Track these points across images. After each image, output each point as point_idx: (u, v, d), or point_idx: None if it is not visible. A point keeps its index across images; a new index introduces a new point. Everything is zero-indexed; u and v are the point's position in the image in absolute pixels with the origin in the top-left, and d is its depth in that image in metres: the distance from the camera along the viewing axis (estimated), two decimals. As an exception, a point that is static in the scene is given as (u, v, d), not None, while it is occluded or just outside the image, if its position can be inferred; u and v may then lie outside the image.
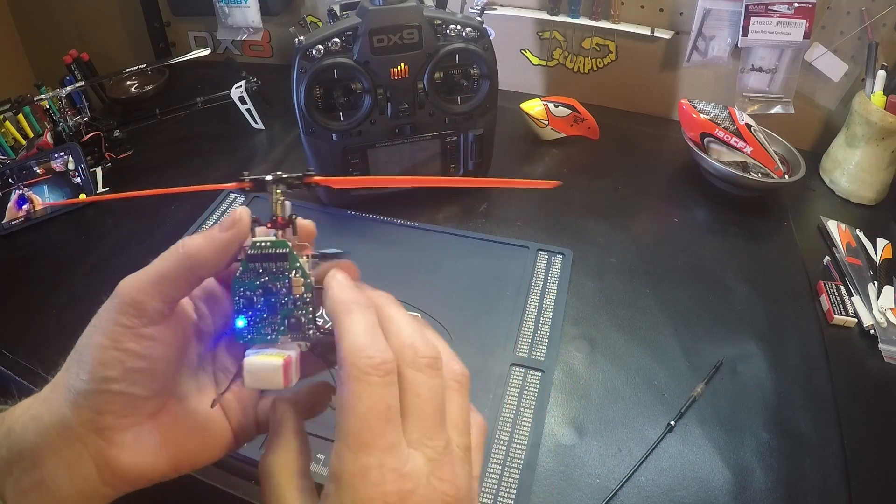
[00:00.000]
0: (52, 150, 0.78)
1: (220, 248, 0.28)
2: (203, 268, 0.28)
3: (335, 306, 0.27)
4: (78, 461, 0.27)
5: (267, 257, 0.28)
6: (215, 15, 1.00)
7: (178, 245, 0.27)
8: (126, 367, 0.27)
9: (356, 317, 0.26)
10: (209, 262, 0.28)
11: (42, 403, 0.27)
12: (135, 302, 0.26)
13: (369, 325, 0.26)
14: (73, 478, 0.27)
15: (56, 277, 0.67)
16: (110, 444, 0.27)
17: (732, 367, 0.57)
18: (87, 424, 0.27)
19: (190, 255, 0.27)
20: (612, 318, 0.62)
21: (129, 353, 0.27)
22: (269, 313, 0.28)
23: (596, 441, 0.51)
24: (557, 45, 0.96)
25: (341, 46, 0.64)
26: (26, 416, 0.27)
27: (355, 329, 0.25)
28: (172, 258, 0.27)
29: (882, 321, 0.61)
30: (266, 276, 0.28)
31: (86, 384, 0.26)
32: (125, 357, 0.26)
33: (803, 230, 0.75)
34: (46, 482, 0.26)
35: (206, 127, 0.92)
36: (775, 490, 0.47)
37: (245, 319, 0.28)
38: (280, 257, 0.28)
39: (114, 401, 0.27)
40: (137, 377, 0.27)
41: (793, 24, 0.81)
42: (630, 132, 0.94)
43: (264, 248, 0.28)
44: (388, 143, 0.71)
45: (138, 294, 0.27)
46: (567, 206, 0.77)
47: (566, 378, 0.56)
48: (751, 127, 0.76)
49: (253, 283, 0.28)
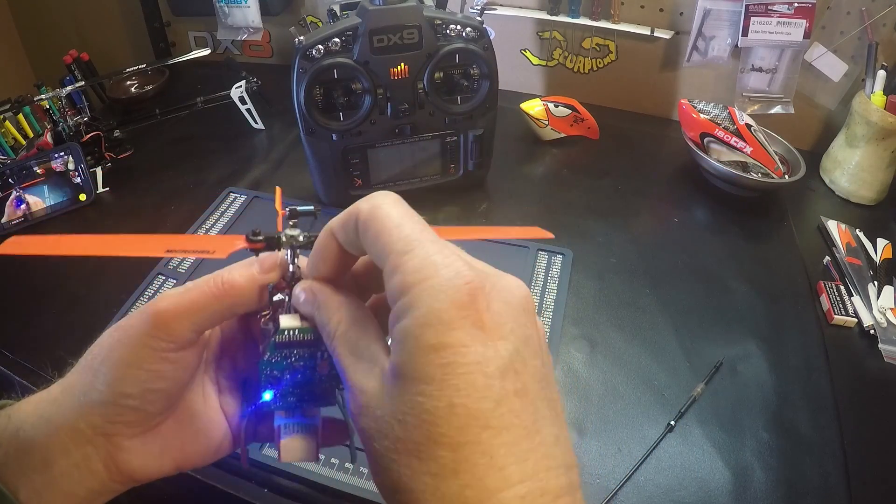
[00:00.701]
0: (52, 150, 0.78)
1: (259, 290, 0.28)
2: (241, 306, 0.28)
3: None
4: (88, 462, 0.27)
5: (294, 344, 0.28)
6: (215, 15, 1.00)
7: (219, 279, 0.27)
8: (145, 387, 0.27)
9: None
10: (247, 301, 0.28)
11: (51, 404, 0.28)
12: (168, 327, 0.27)
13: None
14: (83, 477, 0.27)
15: (56, 278, 0.67)
16: (118, 449, 0.28)
17: (732, 367, 0.57)
18: (97, 430, 0.27)
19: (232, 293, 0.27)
20: (612, 318, 0.62)
21: (151, 373, 0.27)
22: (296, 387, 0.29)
23: (596, 441, 0.51)
24: (557, 45, 0.97)
25: (341, 46, 0.64)
26: (35, 415, 0.27)
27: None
28: (213, 291, 0.27)
29: (882, 321, 0.61)
30: (294, 358, 0.28)
31: (101, 395, 0.27)
32: (147, 377, 0.27)
33: (803, 230, 0.75)
34: (58, 480, 0.27)
35: (206, 127, 0.93)
36: (775, 490, 0.47)
37: (272, 393, 0.29)
38: (308, 343, 0.28)
39: (127, 414, 0.27)
40: (154, 396, 0.28)
41: (793, 24, 0.81)
42: (630, 132, 0.94)
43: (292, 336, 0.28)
44: (388, 143, 0.71)
45: (174, 320, 0.27)
46: (567, 206, 0.77)
47: (566, 378, 0.56)
48: (751, 127, 0.76)
49: (280, 364, 0.28)
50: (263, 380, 0.28)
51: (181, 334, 0.27)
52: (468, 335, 0.21)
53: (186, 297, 0.27)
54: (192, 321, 0.27)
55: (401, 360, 0.22)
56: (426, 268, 0.22)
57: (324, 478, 0.47)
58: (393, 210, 0.24)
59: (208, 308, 0.27)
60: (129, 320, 0.27)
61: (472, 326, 0.21)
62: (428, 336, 0.21)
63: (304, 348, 0.28)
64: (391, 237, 0.23)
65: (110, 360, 0.27)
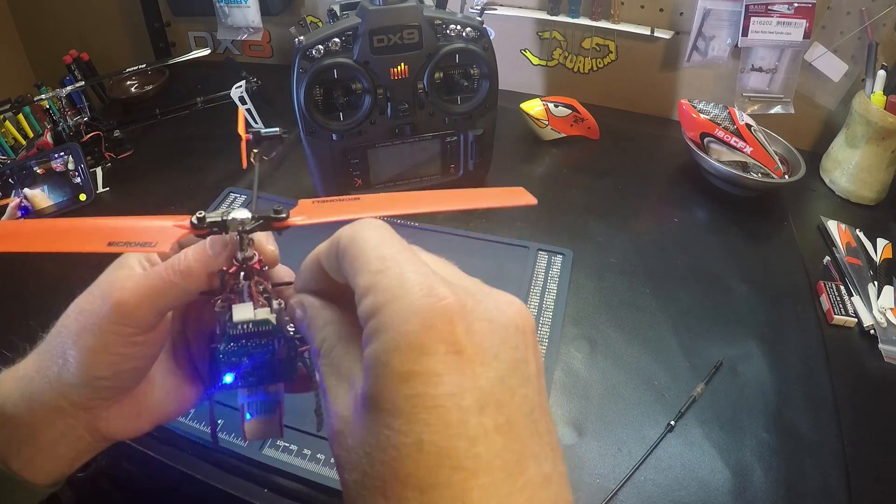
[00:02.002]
0: (52, 150, 0.78)
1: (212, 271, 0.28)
2: (198, 288, 0.28)
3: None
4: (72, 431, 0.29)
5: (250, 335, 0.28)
6: (215, 15, 1.00)
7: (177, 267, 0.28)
8: (116, 370, 0.28)
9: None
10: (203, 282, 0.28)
11: (30, 383, 0.29)
12: (131, 315, 0.27)
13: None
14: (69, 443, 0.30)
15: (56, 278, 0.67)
16: (98, 419, 0.30)
17: (732, 367, 0.57)
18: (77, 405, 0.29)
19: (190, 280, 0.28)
20: (612, 318, 0.62)
21: (120, 356, 0.28)
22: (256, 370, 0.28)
23: (596, 441, 0.51)
24: (557, 45, 0.96)
25: (341, 46, 0.64)
26: (17, 394, 0.29)
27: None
28: (171, 278, 0.28)
29: (882, 321, 0.61)
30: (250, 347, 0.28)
31: (75, 378, 0.28)
32: (117, 360, 0.28)
33: (803, 230, 0.75)
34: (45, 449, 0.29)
35: (206, 127, 0.92)
36: (775, 490, 0.47)
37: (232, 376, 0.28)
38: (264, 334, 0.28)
39: (102, 392, 0.29)
40: (126, 375, 0.29)
41: (793, 24, 0.81)
42: (630, 132, 0.94)
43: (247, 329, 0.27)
44: (388, 143, 0.71)
45: (135, 309, 0.27)
46: (567, 206, 0.77)
47: (566, 378, 0.56)
48: (751, 127, 0.76)
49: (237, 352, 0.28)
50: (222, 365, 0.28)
51: (145, 320, 0.28)
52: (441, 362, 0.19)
53: (146, 284, 0.28)
54: (153, 307, 0.28)
55: (369, 387, 0.20)
56: (398, 287, 0.20)
57: (324, 478, 0.47)
58: (373, 233, 0.23)
59: (168, 294, 0.28)
60: (91, 304, 0.28)
61: (447, 352, 0.19)
62: (396, 363, 0.19)
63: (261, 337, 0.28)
64: (367, 258, 0.22)
65: (78, 346, 0.28)
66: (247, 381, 0.28)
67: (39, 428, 0.29)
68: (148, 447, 0.50)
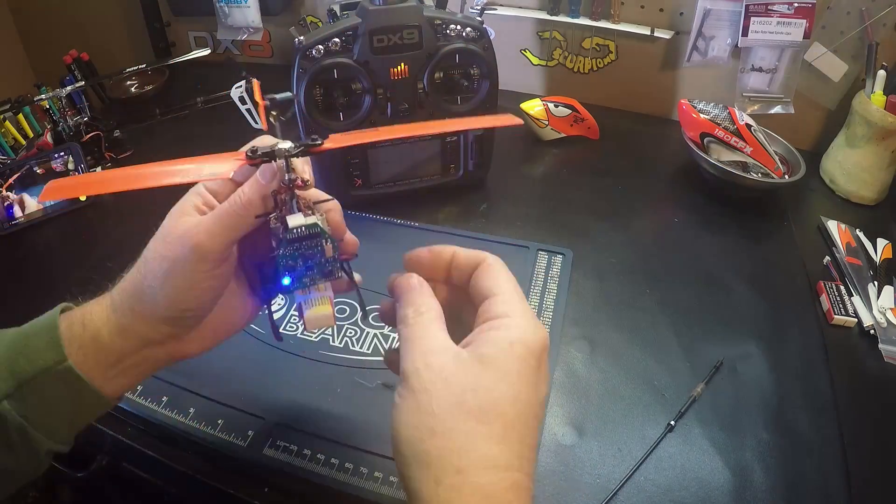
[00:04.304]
0: (52, 150, 0.78)
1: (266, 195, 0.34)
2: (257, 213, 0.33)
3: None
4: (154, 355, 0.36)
5: (303, 238, 0.33)
6: (215, 15, 1.00)
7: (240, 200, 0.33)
8: (201, 301, 0.35)
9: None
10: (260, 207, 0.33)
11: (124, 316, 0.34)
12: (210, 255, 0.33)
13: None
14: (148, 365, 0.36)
15: (56, 277, 0.67)
16: (181, 343, 0.36)
17: (732, 367, 0.57)
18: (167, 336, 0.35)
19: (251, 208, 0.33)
20: (612, 318, 0.62)
21: (204, 289, 0.34)
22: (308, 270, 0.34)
23: (596, 441, 0.51)
24: (557, 45, 0.96)
25: (341, 46, 0.64)
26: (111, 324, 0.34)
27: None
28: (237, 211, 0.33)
29: (882, 321, 0.61)
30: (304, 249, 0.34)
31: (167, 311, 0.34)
32: (201, 293, 0.34)
33: (803, 230, 0.75)
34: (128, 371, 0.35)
35: (206, 127, 0.92)
36: (775, 490, 0.47)
37: (290, 278, 0.34)
38: (314, 236, 0.34)
39: (189, 321, 0.35)
40: (208, 304, 0.35)
41: (793, 24, 0.81)
42: (630, 132, 0.94)
43: (301, 233, 0.33)
44: (388, 143, 0.71)
45: (212, 248, 0.33)
46: (567, 206, 0.77)
47: (566, 378, 0.56)
48: (751, 127, 0.76)
49: (294, 255, 0.34)
50: (281, 269, 0.34)
51: (220, 255, 0.33)
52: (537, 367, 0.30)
53: (219, 223, 0.33)
54: (225, 242, 0.33)
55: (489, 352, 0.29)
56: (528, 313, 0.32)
57: (324, 478, 0.46)
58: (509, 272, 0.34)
59: (235, 226, 0.33)
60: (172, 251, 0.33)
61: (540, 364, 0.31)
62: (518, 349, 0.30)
63: (311, 239, 0.34)
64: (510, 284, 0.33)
65: (168, 286, 0.33)
66: (301, 282, 0.34)
67: (128, 354, 0.34)
68: (148, 447, 0.50)
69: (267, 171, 0.33)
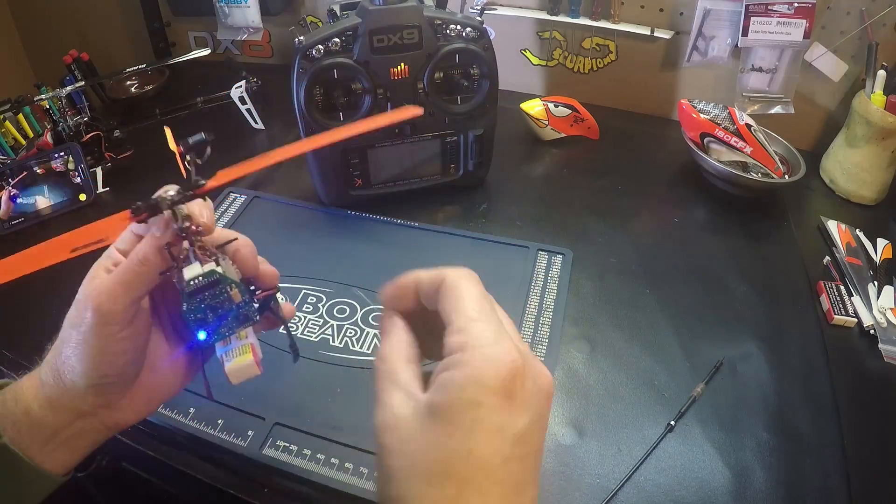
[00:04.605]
0: (52, 150, 0.78)
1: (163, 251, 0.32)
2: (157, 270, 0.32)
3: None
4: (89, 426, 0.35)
5: (204, 287, 0.32)
6: (215, 15, 1.00)
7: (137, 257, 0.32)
8: (118, 364, 0.33)
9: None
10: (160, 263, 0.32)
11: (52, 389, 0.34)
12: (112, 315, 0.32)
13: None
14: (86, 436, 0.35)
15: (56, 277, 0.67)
16: (115, 411, 0.35)
17: (732, 367, 0.57)
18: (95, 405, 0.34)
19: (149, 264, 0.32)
20: (612, 318, 0.62)
21: (117, 353, 0.33)
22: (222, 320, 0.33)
23: (596, 441, 0.51)
24: (557, 45, 0.96)
25: (341, 46, 0.64)
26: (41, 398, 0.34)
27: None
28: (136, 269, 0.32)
29: (882, 321, 0.61)
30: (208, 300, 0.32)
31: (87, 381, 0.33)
32: (115, 357, 0.33)
33: (803, 230, 0.75)
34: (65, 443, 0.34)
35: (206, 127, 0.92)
36: (775, 490, 0.47)
37: (205, 332, 0.33)
38: (213, 283, 0.32)
39: (114, 387, 0.34)
40: (127, 367, 0.34)
41: (793, 24, 0.81)
42: (630, 132, 0.93)
43: (199, 283, 0.31)
44: (388, 143, 0.71)
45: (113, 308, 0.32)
46: (567, 206, 0.77)
47: (566, 378, 0.56)
48: (751, 127, 0.76)
49: (200, 308, 0.32)
50: (191, 324, 0.32)
51: (124, 314, 0.32)
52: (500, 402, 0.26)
53: (114, 282, 0.32)
54: (128, 300, 0.32)
55: (440, 401, 0.26)
56: (486, 338, 0.27)
57: (324, 478, 0.47)
58: (474, 287, 0.29)
59: (134, 284, 0.32)
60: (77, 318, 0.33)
61: (506, 397, 0.26)
62: (470, 392, 0.26)
63: (213, 287, 0.32)
64: (467, 304, 0.28)
65: (81, 355, 0.33)
66: (217, 333, 0.33)
67: (61, 427, 0.34)
68: (148, 447, 0.50)
69: (160, 222, 0.32)
